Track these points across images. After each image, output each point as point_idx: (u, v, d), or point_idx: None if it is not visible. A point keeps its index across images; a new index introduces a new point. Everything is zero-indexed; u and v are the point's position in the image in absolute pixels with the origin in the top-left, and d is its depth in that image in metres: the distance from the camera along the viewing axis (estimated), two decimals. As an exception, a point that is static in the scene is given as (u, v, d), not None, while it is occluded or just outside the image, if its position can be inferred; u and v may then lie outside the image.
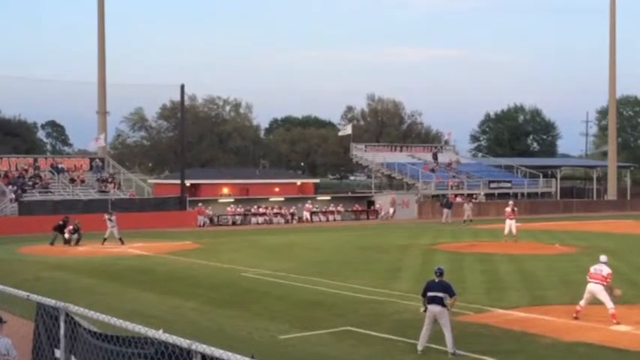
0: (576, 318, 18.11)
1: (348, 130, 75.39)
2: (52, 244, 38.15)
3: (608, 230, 47.76)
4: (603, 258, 18.63)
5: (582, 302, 18.31)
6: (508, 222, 39.81)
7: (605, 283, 17.96)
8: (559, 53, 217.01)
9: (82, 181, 56.70)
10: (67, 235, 38.57)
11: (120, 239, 37.83)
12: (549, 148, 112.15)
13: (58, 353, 7.52)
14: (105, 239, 37.91)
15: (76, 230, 38.79)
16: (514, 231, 39.27)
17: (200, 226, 54.08)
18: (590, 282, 18.14)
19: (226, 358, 5.12)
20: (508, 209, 40.60)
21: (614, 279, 19.58)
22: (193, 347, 5.44)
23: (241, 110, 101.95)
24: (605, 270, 18.08)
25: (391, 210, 63.24)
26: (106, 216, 39.12)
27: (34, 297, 7.81)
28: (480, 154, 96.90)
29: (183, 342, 5.53)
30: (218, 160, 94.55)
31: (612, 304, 17.80)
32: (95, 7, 64.67)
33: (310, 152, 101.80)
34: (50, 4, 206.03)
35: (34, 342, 8.17)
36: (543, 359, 14.55)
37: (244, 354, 5.09)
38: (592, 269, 18.33)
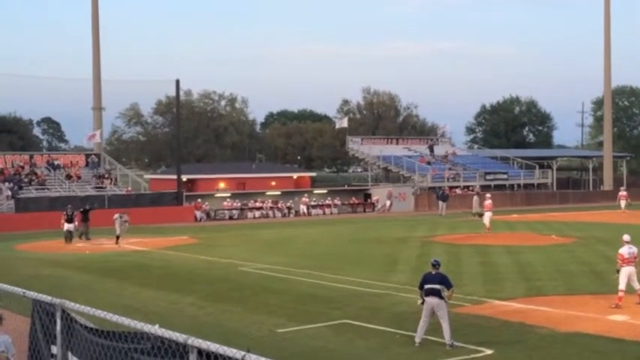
0: (618, 306, 17.98)
1: (344, 123, 75.36)
2: (81, 237, 37.73)
3: (605, 221, 47.76)
4: (628, 237, 18.92)
5: (624, 287, 18.29)
6: (488, 214, 40.53)
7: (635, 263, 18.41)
8: (554, 44, 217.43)
9: (79, 178, 56.60)
10: (74, 225, 37.57)
11: (117, 237, 36.64)
12: (545, 139, 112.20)
13: (54, 350, 7.51)
14: (117, 237, 36.65)
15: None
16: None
17: (197, 221, 54.05)
18: (625, 266, 18.34)
19: (222, 353, 5.12)
20: (489, 202, 41.53)
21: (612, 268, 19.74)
22: (189, 342, 5.43)
23: (237, 105, 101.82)
24: (636, 250, 18.54)
25: (388, 203, 63.24)
26: (117, 216, 37.36)
27: (30, 294, 7.79)
28: (475, 146, 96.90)
29: (180, 337, 5.53)
30: (214, 154, 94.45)
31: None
32: (89, 3, 64.51)
33: (306, 146, 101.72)
34: (45, 1, 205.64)
35: (31, 339, 8.16)
36: (541, 350, 14.58)
37: (241, 348, 5.09)
38: (626, 253, 18.50)
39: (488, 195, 45.21)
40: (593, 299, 19.59)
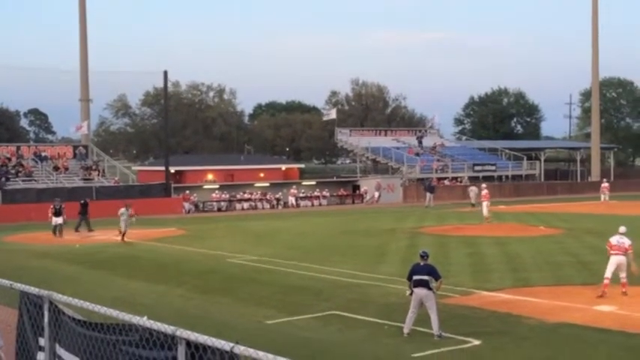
0: (604, 294, 18.06)
1: (332, 114, 75.36)
2: (90, 229, 38.50)
3: (592, 212, 48.05)
4: (623, 229, 18.92)
5: (609, 275, 18.36)
6: (486, 203, 41.80)
7: (625, 254, 18.36)
8: (542, 36, 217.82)
9: (66, 169, 56.38)
10: (63, 218, 37.36)
11: (122, 234, 34.69)
12: (533, 131, 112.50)
13: (42, 342, 7.49)
14: (123, 234, 34.73)
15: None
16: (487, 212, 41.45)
17: (185, 212, 53.96)
18: (614, 254, 18.39)
19: (211, 344, 5.11)
20: (486, 191, 43.25)
21: (600, 259, 19.77)
22: (178, 333, 5.43)
23: (225, 96, 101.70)
24: (627, 241, 18.48)
25: (376, 194, 63.34)
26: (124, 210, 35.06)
27: (18, 285, 7.76)
28: (464, 137, 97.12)
29: (168, 328, 5.52)
30: (202, 146, 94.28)
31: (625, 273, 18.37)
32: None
33: (295, 137, 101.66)
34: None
35: (18, 331, 8.13)
36: (528, 340, 14.65)
37: (230, 339, 5.09)
38: (614, 241, 18.56)
39: (484, 185, 46.88)
40: (581, 290, 19.69)
